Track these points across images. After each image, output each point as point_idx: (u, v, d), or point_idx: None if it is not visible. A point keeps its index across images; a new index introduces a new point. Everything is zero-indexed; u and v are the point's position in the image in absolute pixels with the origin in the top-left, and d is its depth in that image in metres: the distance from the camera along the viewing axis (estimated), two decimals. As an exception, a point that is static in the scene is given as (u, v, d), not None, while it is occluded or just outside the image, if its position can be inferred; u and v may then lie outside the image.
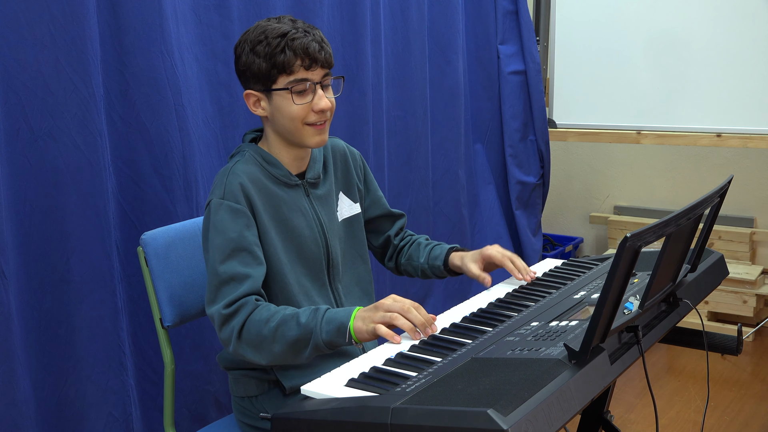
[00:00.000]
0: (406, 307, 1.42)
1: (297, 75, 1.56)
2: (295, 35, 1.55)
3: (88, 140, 1.81)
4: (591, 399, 1.15)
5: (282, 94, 1.57)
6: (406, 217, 1.93)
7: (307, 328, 1.46)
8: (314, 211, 1.68)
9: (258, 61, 1.56)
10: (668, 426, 2.72)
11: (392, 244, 1.92)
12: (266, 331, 1.47)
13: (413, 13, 2.91)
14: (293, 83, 1.56)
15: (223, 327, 1.50)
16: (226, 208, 1.55)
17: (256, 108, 1.62)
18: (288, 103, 1.57)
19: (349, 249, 1.78)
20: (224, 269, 1.51)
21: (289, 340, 1.46)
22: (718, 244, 3.72)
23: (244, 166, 1.61)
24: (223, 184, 1.57)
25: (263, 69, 1.56)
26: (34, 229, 1.75)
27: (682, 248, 1.41)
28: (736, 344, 1.67)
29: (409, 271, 1.90)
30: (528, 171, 3.63)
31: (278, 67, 1.55)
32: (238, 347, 1.50)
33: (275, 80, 1.57)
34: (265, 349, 1.48)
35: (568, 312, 1.43)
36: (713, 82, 3.39)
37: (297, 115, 1.58)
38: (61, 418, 1.83)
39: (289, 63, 1.55)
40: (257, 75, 1.58)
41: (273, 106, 1.60)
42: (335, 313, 1.46)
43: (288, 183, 1.65)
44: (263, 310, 1.49)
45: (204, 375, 2.15)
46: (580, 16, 3.66)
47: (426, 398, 1.09)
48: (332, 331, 1.44)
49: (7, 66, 1.68)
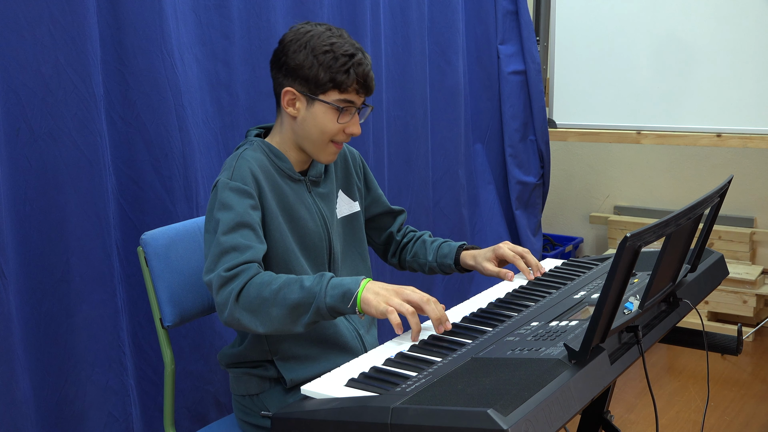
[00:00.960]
0: (426, 299, 1.41)
1: (348, 96, 1.60)
2: (362, 61, 1.59)
3: (88, 140, 1.81)
4: (591, 399, 1.15)
5: (326, 107, 1.60)
6: (406, 212, 1.95)
7: (311, 291, 1.43)
8: (317, 207, 1.70)
9: (318, 67, 1.57)
10: (668, 426, 2.72)
11: (395, 240, 1.93)
12: (267, 293, 1.43)
13: (413, 13, 2.91)
14: (343, 102, 1.60)
15: (221, 289, 1.46)
16: (233, 187, 1.55)
17: (289, 106, 1.63)
18: (328, 118, 1.60)
19: (348, 247, 1.79)
20: (226, 239, 1.50)
21: (290, 303, 1.43)
22: (718, 244, 3.72)
23: (253, 153, 1.62)
24: (232, 167, 1.58)
25: (320, 77, 1.57)
26: (34, 229, 1.75)
27: (682, 248, 1.41)
28: (736, 344, 1.67)
29: (413, 267, 1.91)
30: (528, 171, 3.63)
31: (336, 83, 1.58)
32: (234, 311, 1.45)
33: (326, 92, 1.59)
34: (262, 312, 1.44)
35: (568, 312, 1.43)
36: (713, 82, 3.39)
37: (330, 130, 1.61)
38: (61, 418, 1.83)
39: (348, 84, 1.58)
40: (309, 79, 1.59)
41: (309, 113, 1.61)
42: (342, 280, 1.45)
43: (293, 177, 1.67)
44: (265, 275, 1.47)
45: (204, 375, 2.15)
46: (580, 16, 3.66)
47: (426, 398, 1.09)
48: (337, 295, 1.42)
49: (7, 66, 1.68)
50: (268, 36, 2.28)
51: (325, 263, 1.70)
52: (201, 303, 1.78)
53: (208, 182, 2.15)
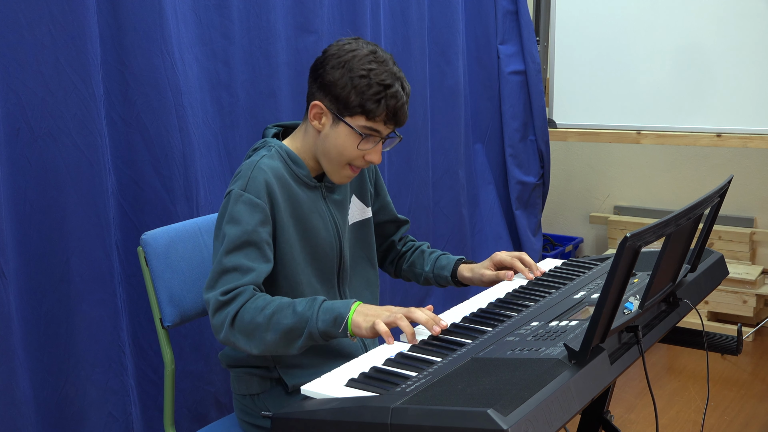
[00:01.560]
0: (410, 308, 1.42)
1: (375, 125, 1.58)
2: (397, 94, 1.56)
3: (88, 140, 1.81)
4: (591, 399, 1.15)
5: (349, 130, 1.58)
6: (409, 223, 1.95)
7: (303, 316, 1.44)
8: (331, 215, 1.69)
9: (350, 90, 1.55)
10: (668, 426, 2.72)
11: (395, 249, 1.94)
12: (261, 319, 1.45)
13: (413, 13, 2.91)
14: (368, 130, 1.58)
15: (217, 313, 1.48)
16: (245, 200, 1.54)
17: (315, 119, 1.61)
18: (350, 142, 1.58)
19: (359, 253, 1.78)
20: (229, 260, 1.50)
21: (284, 328, 1.44)
22: (718, 244, 3.72)
23: (270, 161, 1.59)
24: (248, 177, 1.56)
25: (351, 100, 1.55)
26: (34, 229, 1.75)
27: (682, 248, 1.41)
28: (736, 344, 1.67)
29: (408, 276, 1.92)
30: (528, 171, 3.63)
31: (365, 110, 1.55)
32: (230, 335, 1.47)
33: (353, 116, 1.57)
34: (257, 337, 1.46)
35: (568, 312, 1.43)
36: (713, 82, 3.39)
37: (349, 154, 1.60)
38: (61, 418, 1.83)
39: (376, 114, 1.56)
40: (339, 98, 1.56)
41: (333, 131, 1.59)
42: (333, 304, 1.46)
43: (308, 184, 1.65)
44: (259, 299, 1.48)
45: (204, 375, 2.15)
46: (580, 16, 3.66)
47: (426, 398, 1.09)
48: (329, 320, 1.43)
49: (7, 66, 1.68)
50: (268, 36, 2.27)
51: (334, 272, 1.70)
52: (201, 303, 1.77)
53: (208, 182, 2.15)
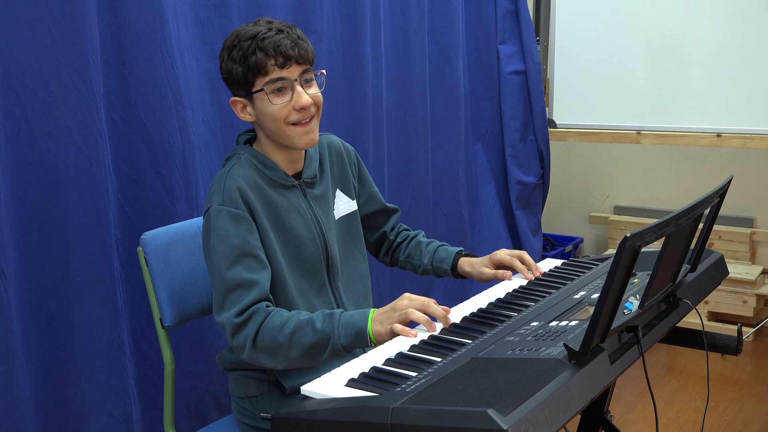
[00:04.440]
0: (426, 303, 1.44)
1: (272, 75, 1.55)
2: (266, 35, 1.53)
3: (88, 140, 1.81)
4: (591, 399, 1.15)
5: (261, 97, 1.56)
6: (399, 211, 1.94)
7: (324, 333, 1.46)
8: (312, 212, 1.68)
9: (234, 66, 1.55)
10: (668, 426, 2.72)
11: (387, 239, 1.93)
12: (281, 338, 1.47)
13: (413, 13, 2.91)
14: (268, 83, 1.55)
15: (236, 335, 1.50)
16: (226, 214, 1.53)
17: (244, 114, 1.62)
18: (267, 105, 1.56)
19: (348, 246, 1.78)
20: (230, 275, 1.51)
21: (307, 345, 1.47)
22: (718, 244, 3.72)
23: (240, 170, 1.59)
24: (221, 190, 1.56)
25: (240, 74, 1.55)
26: (34, 229, 1.75)
27: (682, 248, 1.41)
28: (736, 344, 1.67)
29: (406, 267, 1.92)
30: (528, 171, 3.63)
31: (252, 69, 1.54)
32: (254, 355, 1.50)
33: (253, 83, 1.56)
34: (281, 354, 1.48)
35: (568, 312, 1.43)
36: (713, 82, 3.39)
37: (278, 115, 1.57)
38: (61, 418, 1.83)
39: (262, 63, 1.53)
40: (237, 81, 1.57)
41: (257, 110, 1.59)
42: (350, 317, 1.47)
43: (284, 185, 1.65)
44: (275, 317, 1.49)
45: (204, 375, 2.15)
46: (580, 16, 3.66)
47: (426, 398, 1.09)
48: (351, 335, 1.45)
49: (7, 66, 1.68)
50: (268, 36, 2.27)
51: (322, 268, 1.69)
52: (201, 303, 1.78)
53: (208, 182, 2.15)
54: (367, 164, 2.67)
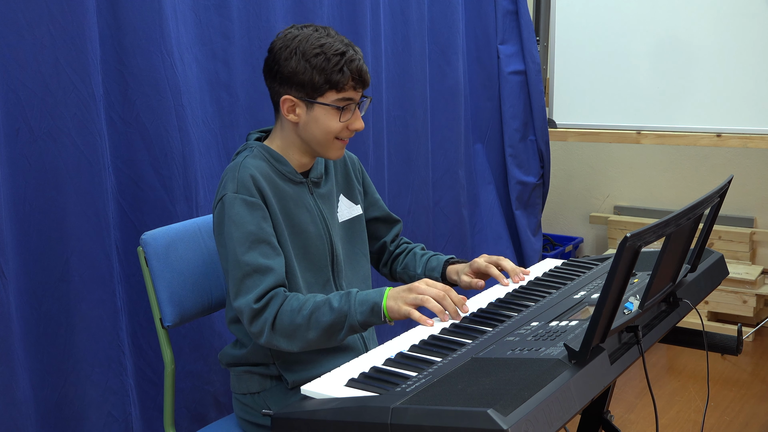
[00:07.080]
0: (442, 295, 1.48)
1: (346, 94, 1.61)
2: (353, 57, 1.60)
3: (88, 140, 1.81)
4: (591, 399, 1.15)
5: (326, 109, 1.61)
6: (402, 223, 1.95)
7: (341, 311, 1.50)
8: (318, 209, 1.71)
9: (311, 71, 1.58)
10: (668, 426, 2.72)
11: (388, 251, 1.94)
12: (300, 320, 1.50)
13: (413, 13, 2.91)
14: (342, 101, 1.61)
15: (255, 321, 1.52)
16: (241, 201, 1.56)
17: (290, 113, 1.63)
18: (330, 119, 1.61)
19: (352, 248, 1.79)
20: (247, 261, 1.53)
21: (324, 325, 1.50)
22: (718, 244, 3.72)
23: (253, 161, 1.63)
24: (236, 178, 1.58)
25: (315, 81, 1.58)
26: (34, 229, 1.75)
27: (682, 248, 1.41)
28: (736, 344, 1.67)
29: (404, 278, 1.93)
30: (528, 171, 3.63)
31: (331, 83, 1.58)
32: (272, 338, 1.52)
33: (323, 94, 1.60)
34: (299, 336, 1.51)
35: (568, 312, 1.43)
36: (713, 82, 3.39)
37: (334, 130, 1.63)
38: (61, 418, 1.83)
39: (343, 82, 1.59)
40: (304, 84, 1.59)
41: (310, 116, 1.62)
42: (367, 295, 1.51)
43: (293, 180, 1.68)
44: (293, 300, 1.53)
45: (204, 375, 2.15)
46: (580, 16, 3.66)
47: (426, 398, 1.09)
48: (366, 311, 1.49)
49: (7, 66, 1.67)
50: (268, 36, 2.27)
51: (327, 265, 1.71)
52: (201, 303, 1.78)
53: (207, 182, 2.15)
54: (366, 164, 2.67)
